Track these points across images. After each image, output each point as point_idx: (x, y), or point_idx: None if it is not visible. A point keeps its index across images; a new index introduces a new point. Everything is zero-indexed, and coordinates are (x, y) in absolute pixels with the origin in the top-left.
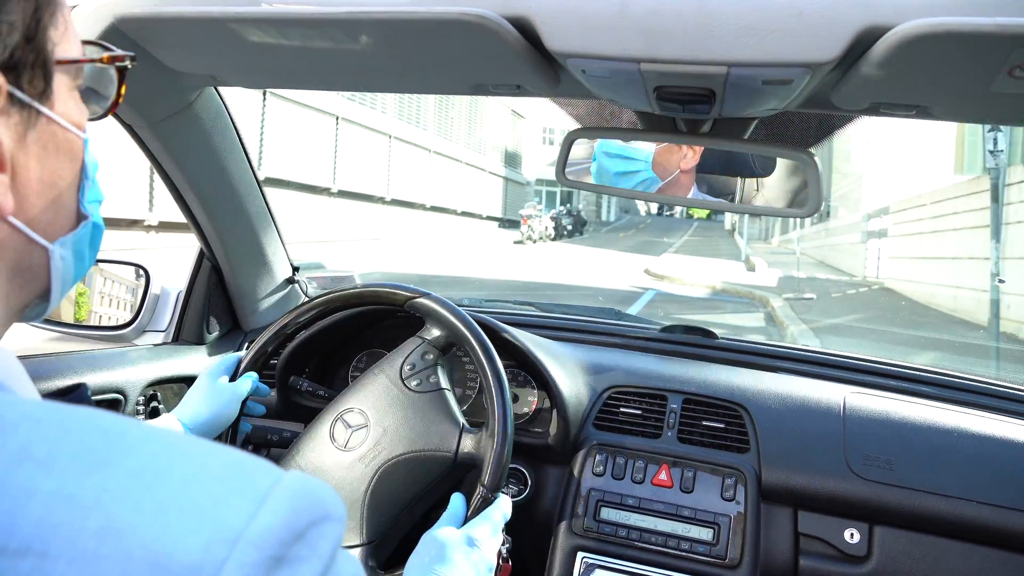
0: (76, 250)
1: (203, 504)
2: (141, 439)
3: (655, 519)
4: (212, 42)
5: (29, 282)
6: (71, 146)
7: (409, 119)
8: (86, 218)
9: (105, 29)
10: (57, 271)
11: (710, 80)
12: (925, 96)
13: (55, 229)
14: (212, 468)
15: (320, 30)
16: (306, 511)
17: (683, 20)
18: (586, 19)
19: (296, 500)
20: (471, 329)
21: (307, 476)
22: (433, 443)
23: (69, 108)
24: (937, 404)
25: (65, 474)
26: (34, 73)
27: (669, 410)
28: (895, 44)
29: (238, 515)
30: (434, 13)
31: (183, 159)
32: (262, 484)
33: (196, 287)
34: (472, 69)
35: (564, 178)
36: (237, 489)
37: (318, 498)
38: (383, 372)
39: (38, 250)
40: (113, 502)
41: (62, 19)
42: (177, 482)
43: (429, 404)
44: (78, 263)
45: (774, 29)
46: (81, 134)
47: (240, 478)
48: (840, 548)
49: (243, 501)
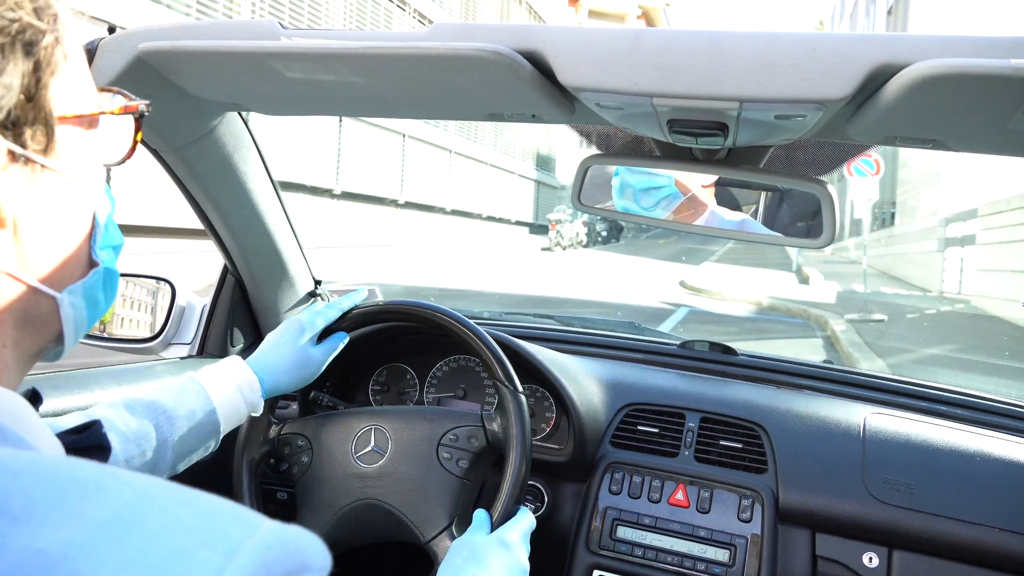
0: (88, 296)
1: (170, 559)
2: (117, 489)
3: (671, 539)
4: (234, 74)
5: (40, 329)
6: (79, 196)
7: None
8: (96, 265)
9: (130, 61)
10: (68, 318)
11: (722, 115)
12: (939, 131)
13: (63, 278)
14: (186, 519)
15: (341, 65)
16: (280, 563)
17: (695, 56)
18: (599, 54)
19: (269, 552)
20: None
21: (287, 527)
22: (417, 518)
23: (79, 158)
24: (960, 426)
25: (37, 529)
26: (36, 129)
27: (687, 429)
28: (908, 83)
29: (205, 569)
30: (452, 49)
31: (207, 181)
32: (235, 536)
33: (220, 301)
34: (488, 99)
35: (580, 204)
36: (208, 541)
37: (295, 550)
38: (429, 423)
39: (46, 299)
40: (80, 557)
41: (69, 74)
42: (146, 535)
43: (441, 483)
44: (91, 308)
45: (786, 65)
46: (90, 184)
47: (213, 530)
48: (858, 572)
49: (213, 554)
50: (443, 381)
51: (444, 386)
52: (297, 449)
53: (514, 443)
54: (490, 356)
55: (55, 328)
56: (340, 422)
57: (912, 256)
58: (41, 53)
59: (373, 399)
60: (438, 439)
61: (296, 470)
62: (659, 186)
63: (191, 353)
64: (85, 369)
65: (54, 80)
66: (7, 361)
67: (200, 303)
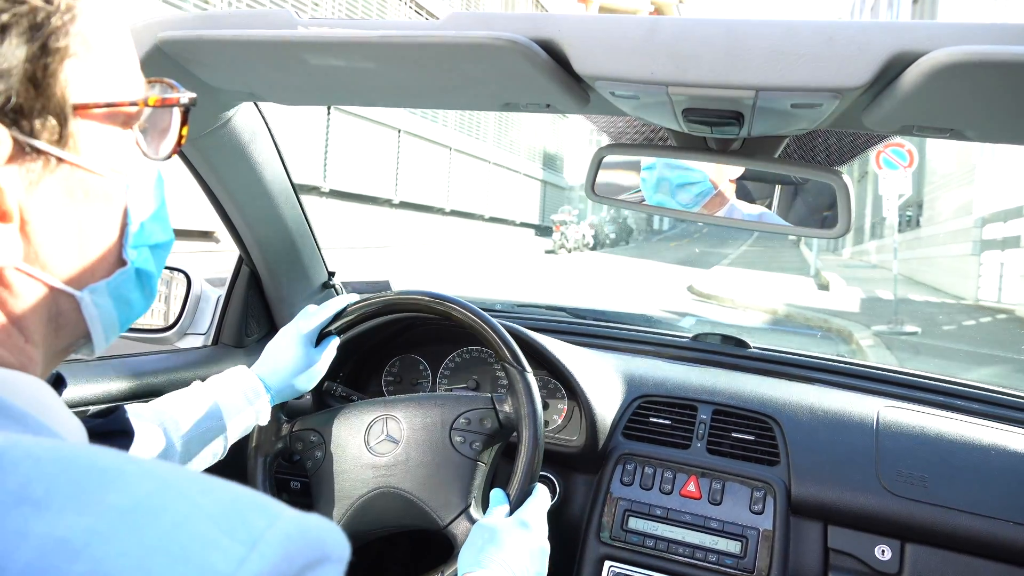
0: (116, 296)
1: (191, 547)
2: (138, 477)
3: (683, 530)
4: (251, 63)
5: (64, 327)
6: (106, 192)
7: (424, 112)
8: (125, 264)
9: (148, 51)
10: (93, 317)
11: (737, 104)
12: (958, 120)
13: (84, 276)
14: (206, 507)
15: (356, 53)
16: (300, 554)
17: (710, 44)
18: (614, 43)
19: (291, 542)
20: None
21: (307, 516)
22: (434, 503)
23: (108, 152)
24: (974, 420)
25: (59, 515)
26: (46, 119)
27: (699, 420)
28: (927, 71)
29: (227, 559)
30: (467, 37)
31: (223, 172)
32: (256, 525)
33: (235, 292)
34: (503, 89)
35: (594, 195)
36: (229, 531)
37: (315, 539)
38: (440, 409)
39: (65, 297)
40: (101, 545)
41: (92, 61)
42: (168, 523)
43: (456, 467)
44: (123, 308)
45: (803, 54)
46: (120, 179)
47: (234, 519)
48: (871, 565)
49: (234, 543)
50: (455, 372)
51: (456, 377)
52: (310, 445)
53: (526, 422)
54: (496, 339)
55: (81, 327)
56: (352, 414)
57: (942, 260)
58: (49, 38)
59: (386, 390)
60: (450, 423)
61: (310, 465)
62: (695, 181)
63: (206, 343)
64: (105, 359)
65: (68, 67)
66: (32, 356)
67: (215, 293)
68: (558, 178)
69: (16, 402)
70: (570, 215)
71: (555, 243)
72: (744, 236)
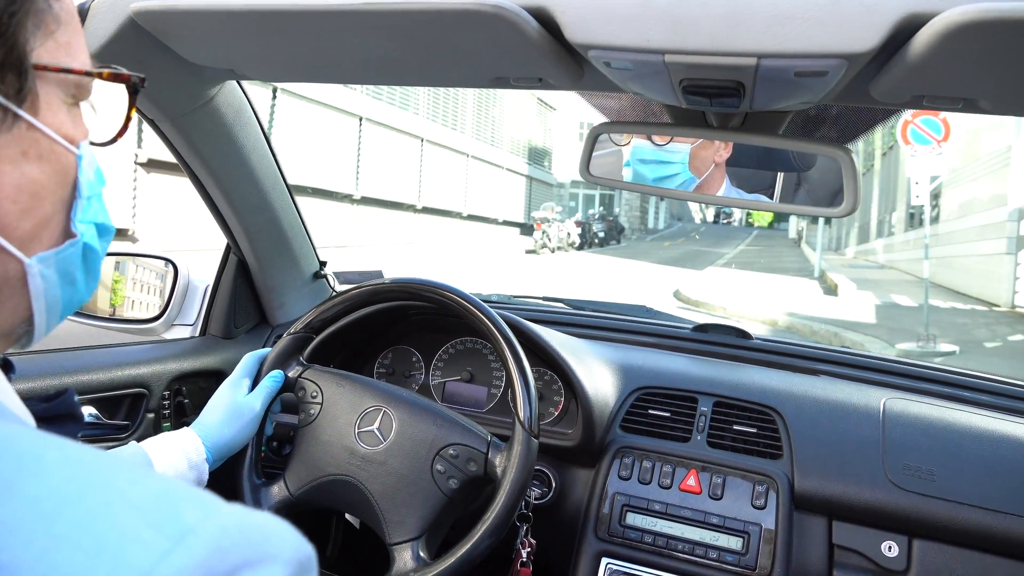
0: (63, 271)
1: (106, 539)
2: (58, 464)
3: (682, 526)
4: (229, 34)
5: (8, 300)
6: (59, 159)
7: (390, 99)
8: (74, 236)
9: (123, 23)
10: (37, 290)
11: (739, 72)
12: (972, 88)
13: (34, 243)
14: (132, 497)
15: (336, 22)
16: (236, 550)
17: (709, 8)
18: (608, 9)
19: (226, 536)
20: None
21: (252, 512)
22: (390, 517)
23: (62, 120)
24: (984, 412)
25: None
26: (6, 71)
27: (699, 413)
28: (939, 33)
29: (147, 552)
30: (451, 4)
31: (206, 154)
32: (187, 518)
33: (223, 281)
34: (492, 62)
35: (588, 174)
36: (155, 523)
37: (258, 537)
38: (435, 428)
39: (13, 263)
40: (6, 534)
41: (56, 30)
42: (82, 512)
43: (426, 495)
44: (67, 287)
45: (807, 18)
46: (72, 149)
47: (162, 510)
48: (877, 561)
49: (158, 536)
50: (449, 364)
51: (450, 369)
52: (310, 399)
53: (503, 492)
54: (522, 390)
55: (23, 306)
56: (355, 390)
57: (967, 261)
58: None
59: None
60: (438, 449)
61: (302, 417)
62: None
63: (194, 334)
64: (86, 348)
65: (32, 26)
66: None
67: (203, 284)
68: (545, 174)
69: None
70: (553, 212)
71: (536, 242)
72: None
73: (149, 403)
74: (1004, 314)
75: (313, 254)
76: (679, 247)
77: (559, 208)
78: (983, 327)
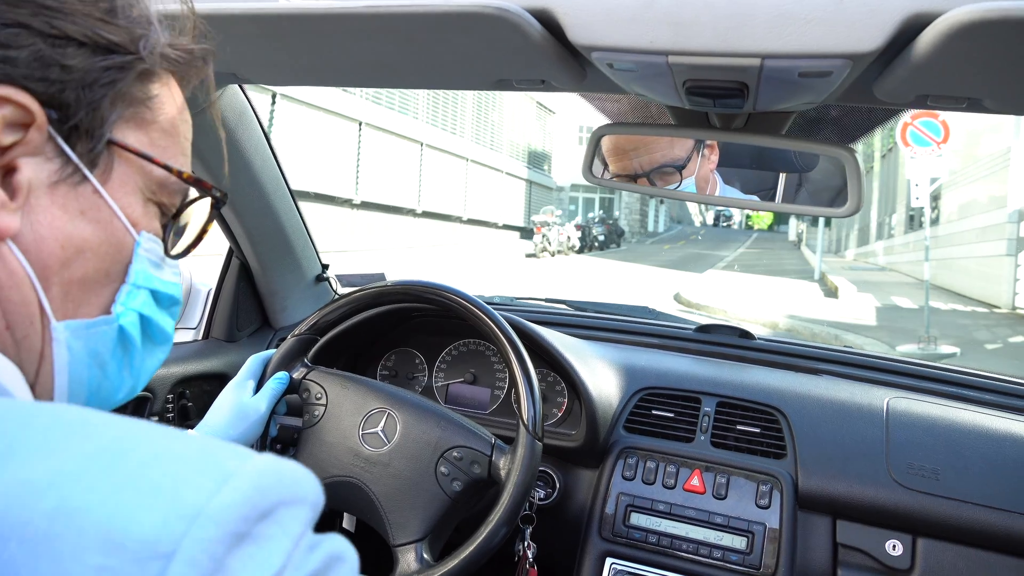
0: (92, 350)
1: (161, 483)
2: (102, 425)
3: (687, 526)
4: (231, 38)
5: (31, 363)
6: (115, 233)
7: (389, 103)
8: (109, 314)
9: None
10: (61, 363)
11: (742, 73)
12: (977, 88)
13: (66, 305)
14: (176, 450)
15: (338, 25)
16: (274, 490)
17: (712, 9)
18: (611, 10)
19: (263, 478)
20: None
21: (282, 459)
22: (394, 518)
23: (131, 203)
24: (987, 410)
25: (24, 463)
26: (81, 131)
27: (703, 413)
28: (943, 33)
29: (198, 492)
30: (453, 7)
31: (208, 158)
32: (227, 464)
33: (226, 285)
34: (495, 64)
35: (591, 176)
36: (200, 469)
37: (290, 480)
38: (439, 430)
39: (38, 322)
40: (67, 484)
41: (149, 123)
42: (135, 463)
43: (430, 496)
44: (95, 369)
45: (811, 18)
46: (132, 232)
47: (204, 459)
48: (881, 560)
49: (205, 480)
50: (452, 366)
51: (453, 371)
52: (315, 400)
53: (506, 495)
54: (526, 392)
55: (48, 376)
56: (359, 391)
57: (967, 262)
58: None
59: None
60: (442, 451)
61: (306, 418)
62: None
63: (196, 337)
64: None
65: (121, 105)
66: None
67: (206, 287)
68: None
69: None
70: (553, 216)
71: (536, 246)
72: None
73: (153, 407)
74: (1005, 315)
75: (315, 257)
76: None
77: (559, 212)
78: (984, 329)
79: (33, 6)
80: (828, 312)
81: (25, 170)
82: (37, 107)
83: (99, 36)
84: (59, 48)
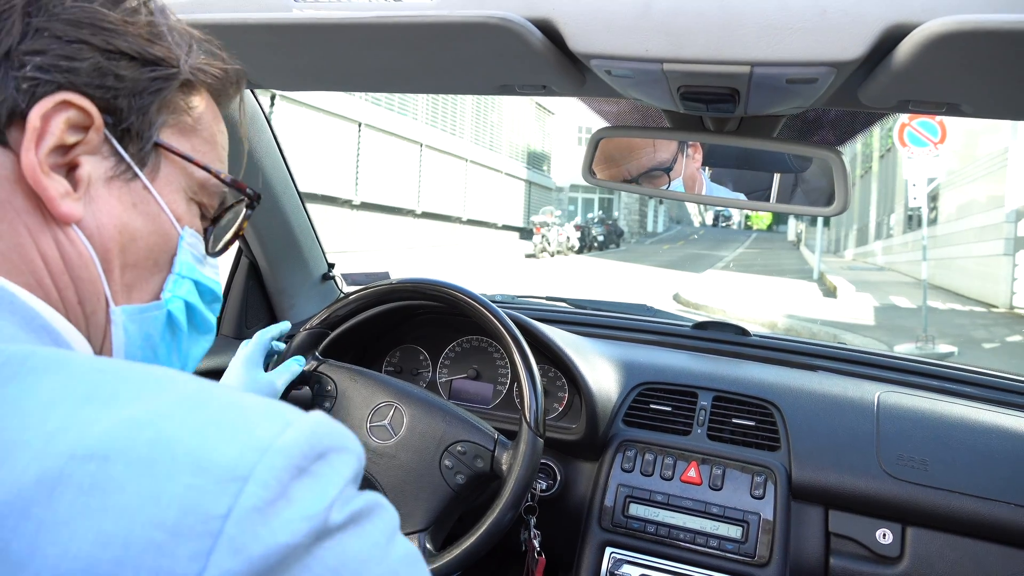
0: (145, 333)
1: (237, 423)
2: (185, 379)
3: (684, 516)
4: (243, 47)
5: (98, 342)
6: (162, 226)
7: (389, 105)
8: (159, 300)
9: None
10: (119, 342)
11: (733, 79)
12: (954, 94)
13: (124, 290)
14: (245, 402)
15: (349, 34)
16: (327, 437)
17: (705, 20)
18: (609, 20)
19: (318, 427)
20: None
21: (330, 417)
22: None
23: (175, 200)
24: (973, 404)
25: (125, 406)
26: (132, 133)
27: (699, 407)
28: (922, 42)
29: (268, 431)
30: (458, 16)
31: (231, 164)
32: (288, 414)
33: (235, 283)
34: (498, 70)
35: (591, 177)
36: (267, 415)
37: (339, 433)
38: (444, 424)
39: (103, 301)
40: (163, 420)
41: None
42: (215, 407)
43: (433, 488)
44: (148, 351)
45: (797, 28)
46: (177, 226)
47: (270, 408)
48: (872, 548)
49: (271, 423)
50: (455, 362)
51: (456, 367)
52: (325, 392)
53: (508, 489)
54: (529, 389)
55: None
56: (368, 385)
57: (965, 262)
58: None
59: None
60: (447, 445)
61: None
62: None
63: None
64: None
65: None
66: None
67: None
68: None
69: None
70: (552, 216)
71: (536, 246)
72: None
73: None
74: (1002, 315)
75: (322, 256)
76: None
77: (558, 212)
78: (981, 328)
79: (92, 27)
80: (827, 312)
81: (86, 166)
82: (96, 111)
83: (146, 52)
84: (114, 61)
